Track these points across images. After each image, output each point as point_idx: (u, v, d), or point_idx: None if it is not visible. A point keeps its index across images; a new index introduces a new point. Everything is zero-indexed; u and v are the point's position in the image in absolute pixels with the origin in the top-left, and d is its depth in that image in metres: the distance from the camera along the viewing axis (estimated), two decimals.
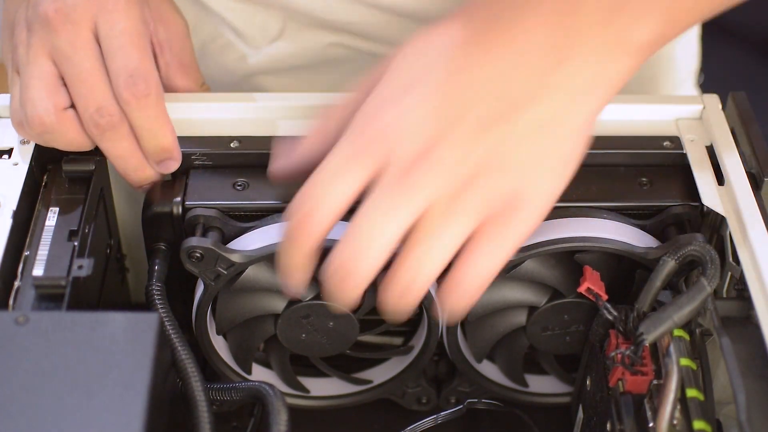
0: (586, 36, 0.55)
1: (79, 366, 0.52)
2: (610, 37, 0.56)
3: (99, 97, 0.62)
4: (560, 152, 0.57)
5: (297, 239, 0.56)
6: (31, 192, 0.64)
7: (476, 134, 0.54)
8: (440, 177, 0.54)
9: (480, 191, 0.55)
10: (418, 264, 0.55)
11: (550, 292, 0.66)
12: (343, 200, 0.55)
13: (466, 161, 0.54)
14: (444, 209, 0.55)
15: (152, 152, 0.64)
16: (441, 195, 0.54)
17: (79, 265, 0.59)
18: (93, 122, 0.62)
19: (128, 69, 0.62)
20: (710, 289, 0.59)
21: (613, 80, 0.57)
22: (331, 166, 0.55)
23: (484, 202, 0.55)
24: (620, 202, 0.65)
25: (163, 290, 0.63)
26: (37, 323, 0.53)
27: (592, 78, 0.56)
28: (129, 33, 0.62)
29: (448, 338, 0.68)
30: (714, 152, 0.67)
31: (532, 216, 0.56)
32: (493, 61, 0.55)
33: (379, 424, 0.72)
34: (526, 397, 0.71)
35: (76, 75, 0.62)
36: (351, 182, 0.55)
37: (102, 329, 0.53)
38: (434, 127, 0.54)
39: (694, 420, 0.56)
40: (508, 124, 0.55)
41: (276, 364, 0.70)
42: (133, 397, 0.51)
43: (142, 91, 0.62)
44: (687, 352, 0.59)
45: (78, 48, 0.62)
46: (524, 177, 0.56)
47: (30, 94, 0.62)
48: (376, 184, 0.55)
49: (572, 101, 0.56)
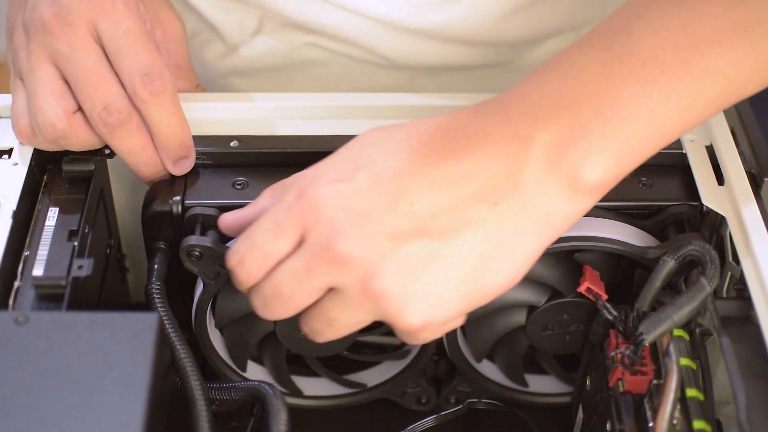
0: (535, 175, 0.54)
1: (79, 366, 0.52)
2: (552, 175, 0.54)
3: (105, 94, 0.62)
4: (492, 286, 0.55)
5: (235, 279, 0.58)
6: (31, 192, 0.64)
7: (395, 245, 0.54)
8: (345, 274, 0.54)
9: (380, 305, 0.54)
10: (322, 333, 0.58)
11: (550, 292, 0.66)
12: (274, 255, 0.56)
13: (376, 270, 0.54)
14: (346, 305, 0.55)
15: (170, 148, 0.64)
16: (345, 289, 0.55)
17: (79, 265, 0.59)
18: (101, 121, 0.62)
19: (141, 68, 0.62)
20: (710, 288, 0.59)
21: (562, 221, 0.55)
22: (265, 225, 0.56)
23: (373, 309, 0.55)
24: (620, 202, 0.65)
25: (163, 289, 0.63)
26: (37, 323, 0.53)
27: (536, 215, 0.55)
28: (134, 32, 0.62)
29: (448, 338, 0.68)
30: (714, 152, 0.67)
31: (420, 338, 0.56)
32: (438, 182, 0.54)
33: (379, 424, 0.72)
34: (526, 396, 0.71)
35: (79, 75, 0.62)
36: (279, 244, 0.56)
37: (102, 329, 0.53)
38: (361, 220, 0.54)
39: (694, 420, 0.56)
40: (440, 244, 0.54)
41: (271, 363, 0.70)
42: (133, 397, 0.51)
43: (159, 87, 0.62)
44: (687, 351, 0.59)
45: (78, 49, 0.61)
46: (438, 309, 0.55)
47: (38, 102, 0.62)
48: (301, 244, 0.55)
49: (516, 236, 0.55)
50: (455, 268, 0.54)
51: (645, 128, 0.55)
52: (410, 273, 0.54)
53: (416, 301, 0.54)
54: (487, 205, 0.54)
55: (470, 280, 0.55)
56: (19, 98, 0.64)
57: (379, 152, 0.55)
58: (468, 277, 0.54)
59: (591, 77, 0.55)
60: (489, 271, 0.55)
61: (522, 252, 0.55)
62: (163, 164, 0.65)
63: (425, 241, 0.54)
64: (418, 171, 0.54)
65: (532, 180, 0.54)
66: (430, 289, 0.54)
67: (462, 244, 0.54)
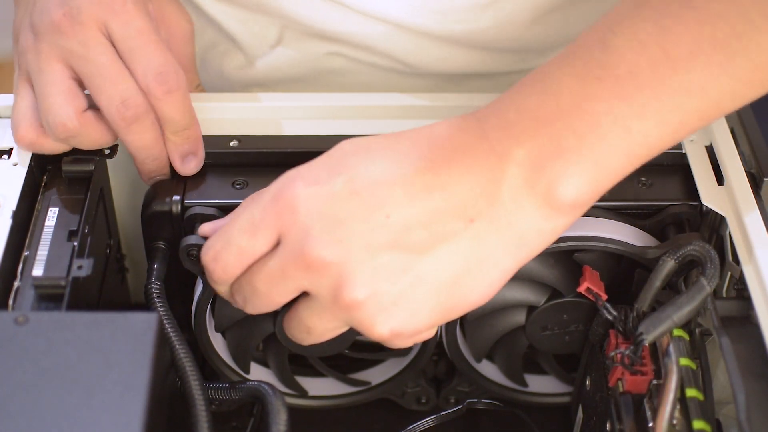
0: (511, 192, 0.54)
1: (79, 366, 0.52)
2: (529, 192, 0.54)
3: (122, 89, 0.62)
4: (464, 303, 0.56)
5: (209, 275, 0.59)
6: (31, 192, 0.64)
7: (368, 256, 0.54)
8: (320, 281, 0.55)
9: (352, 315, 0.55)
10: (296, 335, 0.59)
11: (550, 292, 0.66)
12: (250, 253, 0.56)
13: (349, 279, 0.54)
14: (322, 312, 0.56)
15: (180, 143, 0.64)
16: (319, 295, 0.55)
17: (78, 265, 0.59)
18: (120, 115, 0.62)
19: (154, 67, 0.62)
20: (710, 288, 0.59)
21: (537, 239, 0.56)
22: (241, 224, 0.57)
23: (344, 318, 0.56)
24: (620, 202, 0.65)
25: (163, 289, 0.63)
26: (37, 323, 0.53)
27: (512, 232, 0.55)
28: (146, 31, 0.62)
29: (448, 338, 0.68)
30: (714, 152, 0.67)
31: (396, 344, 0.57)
32: (414, 194, 0.54)
33: (379, 424, 0.72)
34: (525, 397, 0.71)
35: (95, 72, 0.62)
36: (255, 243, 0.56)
37: (102, 329, 0.53)
38: (336, 227, 0.54)
39: (694, 420, 0.56)
40: (414, 258, 0.54)
41: (274, 363, 0.70)
42: (132, 397, 0.51)
43: (174, 86, 0.62)
44: (687, 351, 0.59)
45: (91, 46, 0.61)
46: (411, 320, 0.55)
47: (49, 101, 0.62)
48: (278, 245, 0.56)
49: (491, 254, 0.55)
50: (428, 283, 0.54)
51: (621, 145, 0.54)
52: (382, 285, 0.54)
53: (386, 313, 0.55)
54: (462, 222, 0.54)
55: (442, 296, 0.55)
56: (22, 102, 0.64)
57: (358, 160, 0.55)
58: (440, 292, 0.55)
59: (567, 94, 0.54)
60: (462, 287, 0.55)
61: (496, 270, 0.55)
62: (170, 160, 0.65)
63: (399, 253, 0.54)
64: (395, 182, 0.54)
65: (508, 197, 0.54)
66: (401, 302, 0.54)
67: (436, 260, 0.54)
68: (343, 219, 0.54)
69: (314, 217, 0.54)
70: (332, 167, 0.55)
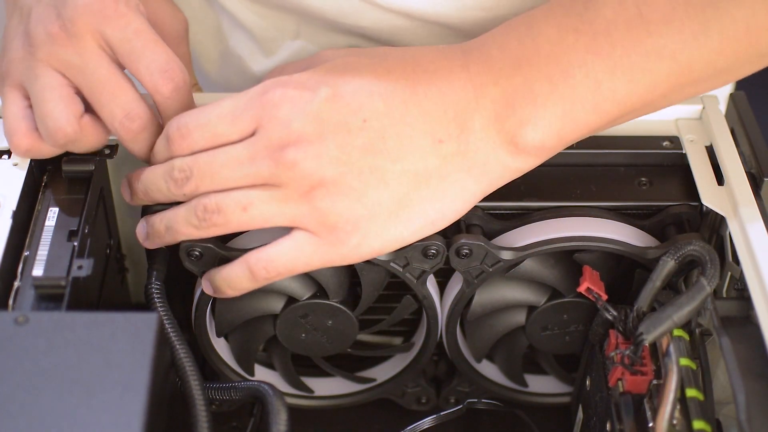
0: (481, 123, 0.58)
1: (79, 366, 0.52)
2: (498, 130, 0.58)
3: (123, 102, 0.61)
4: (423, 211, 0.59)
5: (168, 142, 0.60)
6: (31, 192, 0.64)
7: (342, 155, 0.57)
8: (286, 173, 0.57)
9: (313, 202, 0.58)
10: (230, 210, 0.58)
11: (550, 292, 0.66)
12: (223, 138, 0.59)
13: (320, 172, 0.57)
14: (273, 198, 0.58)
15: None
16: (281, 184, 0.57)
17: (78, 265, 0.59)
18: (124, 128, 0.62)
19: (159, 65, 0.62)
20: (710, 289, 0.59)
21: (501, 171, 0.59)
22: (222, 109, 0.59)
23: (312, 212, 0.58)
24: (620, 202, 0.65)
25: (163, 290, 0.63)
26: (37, 323, 0.53)
27: (477, 160, 0.58)
28: (143, 31, 0.62)
29: (448, 338, 0.68)
30: (714, 152, 0.67)
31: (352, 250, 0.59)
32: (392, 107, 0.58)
33: (379, 424, 0.72)
34: (525, 397, 0.71)
35: (94, 84, 0.61)
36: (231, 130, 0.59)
37: (102, 329, 0.53)
38: (315, 125, 0.57)
39: (694, 420, 0.56)
40: (385, 161, 0.57)
41: (278, 364, 0.70)
42: (132, 397, 0.51)
43: (180, 83, 0.62)
44: (687, 352, 0.59)
45: (88, 58, 0.61)
46: (369, 211, 0.58)
47: (47, 107, 0.61)
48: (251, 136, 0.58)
49: (454, 173, 0.58)
50: (392, 188, 0.58)
51: (589, 98, 0.57)
52: (348, 178, 0.57)
53: (348, 204, 0.57)
54: (431, 141, 0.58)
55: (402, 203, 0.58)
56: (13, 108, 0.63)
57: (345, 73, 0.59)
58: (402, 199, 0.58)
59: (546, 42, 0.58)
60: (423, 199, 0.58)
61: (458, 190, 0.59)
62: None
63: (371, 157, 0.57)
64: (376, 92, 0.58)
65: (479, 127, 0.58)
66: (363, 199, 0.57)
67: (403, 169, 0.58)
68: (323, 119, 0.57)
69: (296, 115, 0.57)
70: (320, 77, 0.59)
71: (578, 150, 0.66)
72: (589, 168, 0.66)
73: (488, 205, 0.64)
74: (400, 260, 0.62)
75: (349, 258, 0.59)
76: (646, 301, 0.61)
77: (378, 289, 0.65)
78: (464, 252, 0.62)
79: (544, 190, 0.65)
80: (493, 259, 0.63)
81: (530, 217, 0.64)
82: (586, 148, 0.66)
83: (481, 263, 0.63)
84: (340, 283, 0.65)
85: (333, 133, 0.57)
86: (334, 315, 0.66)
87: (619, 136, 0.68)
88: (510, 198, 0.64)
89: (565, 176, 0.66)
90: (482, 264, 0.63)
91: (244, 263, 0.60)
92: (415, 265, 0.63)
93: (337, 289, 0.65)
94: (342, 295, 0.65)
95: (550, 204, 0.64)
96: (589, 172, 0.66)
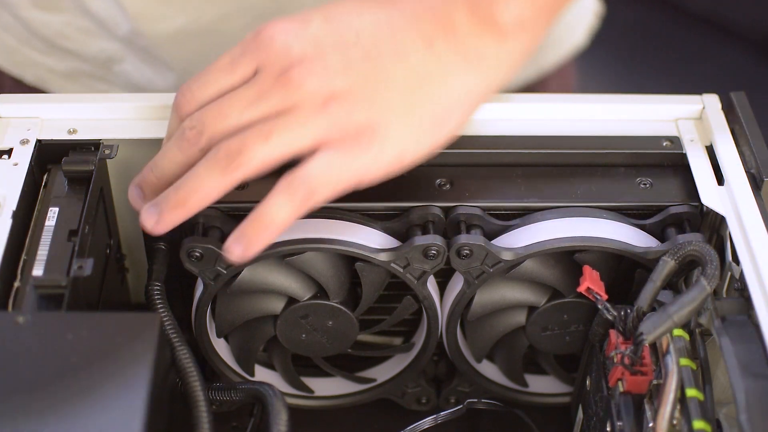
0: (463, 19, 0.60)
1: (79, 366, 0.52)
2: (478, 17, 0.60)
3: None
4: (431, 110, 0.60)
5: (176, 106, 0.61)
6: (31, 192, 0.64)
7: (345, 67, 0.59)
8: (297, 93, 0.58)
9: (330, 115, 0.58)
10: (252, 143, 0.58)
11: (550, 292, 0.66)
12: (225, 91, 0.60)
13: (329, 85, 0.58)
14: (290, 122, 0.58)
15: None
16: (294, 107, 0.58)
17: (79, 265, 0.59)
18: None
19: None
20: (710, 289, 0.59)
21: (495, 60, 0.61)
22: (220, 63, 0.60)
23: (331, 125, 0.58)
24: (620, 202, 0.65)
25: (163, 290, 0.63)
26: (37, 323, 0.53)
27: (469, 55, 0.60)
28: None
29: (448, 338, 0.68)
30: (714, 152, 0.67)
31: (377, 156, 0.59)
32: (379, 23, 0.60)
33: (379, 424, 0.72)
34: (526, 397, 0.71)
35: None
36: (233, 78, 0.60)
37: (102, 329, 0.53)
38: (314, 46, 0.59)
39: (694, 420, 0.56)
40: (385, 63, 0.59)
41: (279, 365, 0.70)
42: (133, 397, 0.51)
43: None
44: (687, 352, 0.59)
45: None
46: (382, 115, 0.59)
47: None
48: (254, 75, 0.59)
49: (451, 70, 0.60)
50: (399, 90, 0.59)
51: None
52: (359, 89, 0.59)
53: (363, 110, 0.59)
54: (423, 44, 0.60)
55: (411, 104, 0.59)
56: None
57: (330, 5, 0.61)
58: (409, 100, 0.59)
59: None
60: (428, 99, 0.60)
61: (461, 88, 0.60)
62: None
63: (371, 64, 0.59)
64: (362, 12, 0.60)
65: (460, 23, 0.60)
66: (376, 106, 0.59)
67: (404, 70, 0.59)
68: (320, 39, 0.59)
69: (293, 40, 0.59)
70: (308, 12, 0.60)
71: (578, 150, 0.66)
72: (589, 168, 0.66)
73: (488, 205, 0.64)
74: (401, 261, 0.62)
75: (374, 168, 0.59)
76: (646, 301, 0.61)
77: (378, 289, 0.65)
78: (465, 252, 0.62)
79: (544, 190, 0.65)
80: (493, 260, 0.63)
81: (531, 217, 0.64)
82: (586, 148, 0.66)
83: (481, 264, 0.63)
84: (341, 283, 0.65)
85: (332, 48, 0.59)
86: (335, 315, 0.66)
87: (619, 136, 0.68)
88: (510, 198, 0.65)
89: (565, 176, 0.66)
90: (483, 264, 0.63)
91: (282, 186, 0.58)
92: (415, 265, 0.63)
93: (338, 289, 0.65)
94: (342, 295, 0.65)
95: (551, 204, 0.64)
96: (590, 172, 0.66)
